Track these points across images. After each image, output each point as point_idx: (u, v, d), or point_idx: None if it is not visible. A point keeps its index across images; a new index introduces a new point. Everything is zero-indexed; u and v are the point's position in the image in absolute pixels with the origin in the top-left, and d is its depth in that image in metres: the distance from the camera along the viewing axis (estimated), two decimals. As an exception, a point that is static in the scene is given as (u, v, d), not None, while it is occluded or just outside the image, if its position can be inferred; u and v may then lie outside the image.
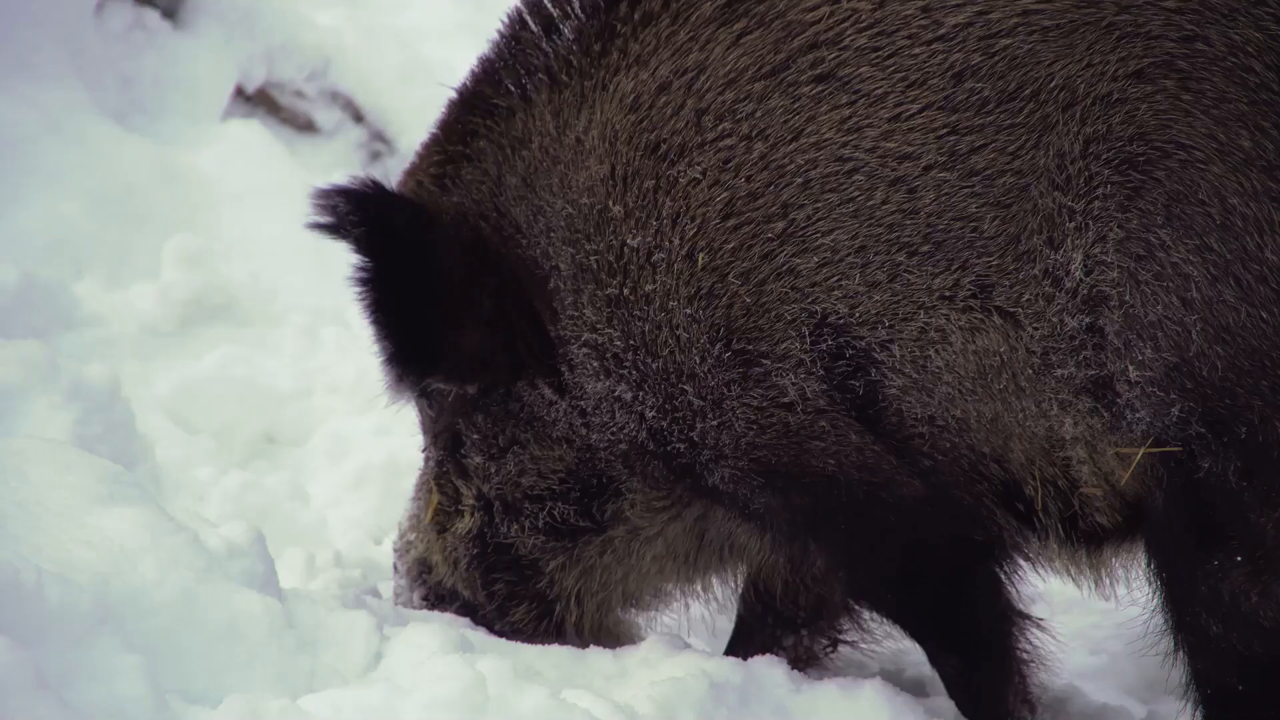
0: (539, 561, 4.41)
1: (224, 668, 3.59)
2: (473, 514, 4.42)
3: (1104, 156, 3.66)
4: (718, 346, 3.96)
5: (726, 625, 4.86)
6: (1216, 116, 3.60)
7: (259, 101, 7.66)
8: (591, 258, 4.04)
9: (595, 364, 4.11)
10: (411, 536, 4.59)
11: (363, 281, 4.21)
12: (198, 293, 6.20)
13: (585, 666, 4.28)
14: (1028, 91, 3.71)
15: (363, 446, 5.63)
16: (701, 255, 3.93)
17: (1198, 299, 3.61)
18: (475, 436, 4.40)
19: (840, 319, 3.86)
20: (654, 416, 4.09)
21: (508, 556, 4.43)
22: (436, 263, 4.20)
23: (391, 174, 4.68)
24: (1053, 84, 3.69)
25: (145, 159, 6.73)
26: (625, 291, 4.01)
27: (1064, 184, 3.69)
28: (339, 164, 7.42)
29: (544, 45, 4.11)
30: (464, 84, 4.30)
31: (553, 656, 4.30)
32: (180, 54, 7.46)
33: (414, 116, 7.67)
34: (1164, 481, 3.74)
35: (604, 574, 4.43)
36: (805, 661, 4.56)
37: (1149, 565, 3.86)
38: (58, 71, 6.81)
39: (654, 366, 4.03)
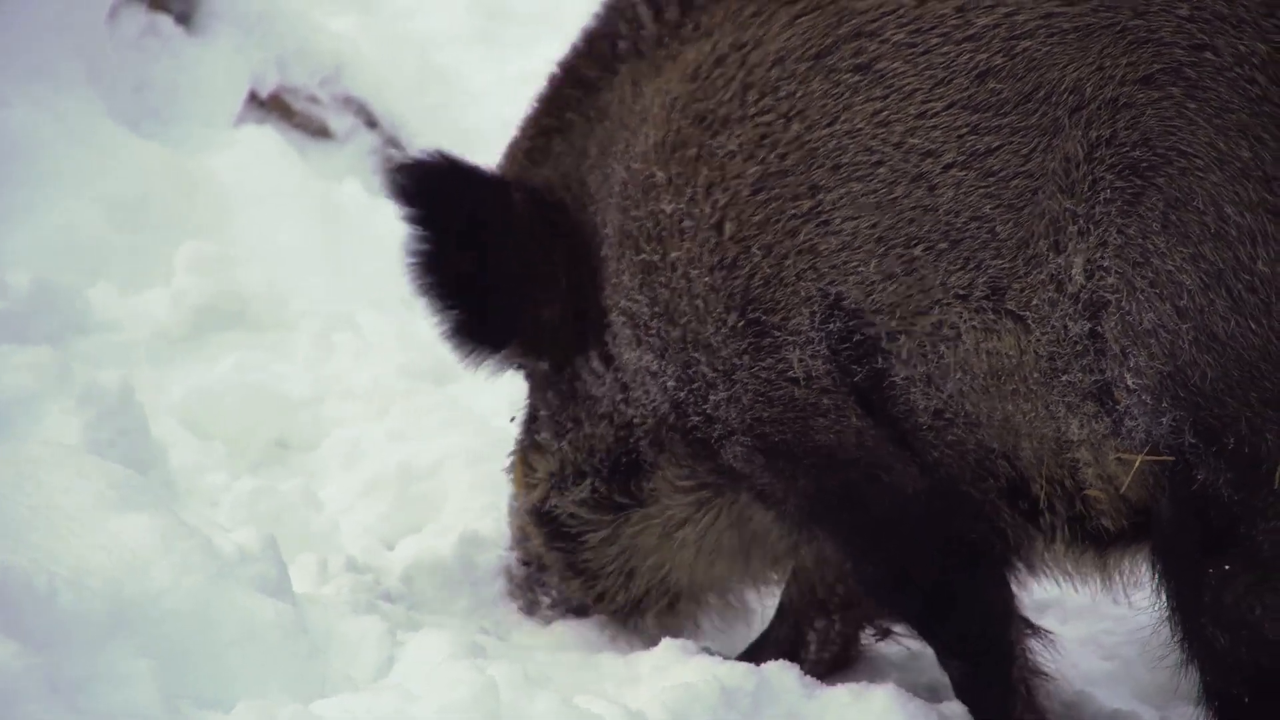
0: (582, 534, 4.56)
1: (236, 673, 3.60)
2: (542, 488, 4.59)
3: (1108, 161, 3.67)
4: (732, 315, 4.04)
5: (739, 631, 4.86)
6: (1219, 126, 3.61)
7: (272, 107, 7.66)
8: (634, 223, 4.15)
9: (629, 332, 4.23)
10: (514, 503, 4.81)
11: (431, 253, 4.35)
12: (211, 298, 6.19)
13: (597, 672, 4.29)
14: (1041, 94, 3.74)
15: (375, 452, 5.63)
16: (729, 225, 4.00)
17: (1190, 307, 3.62)
18: (545, 414, 4.57)
19: (854, 304, 3.91)
20: (674, 386, 4.19)
21: (562, 528, 4.58)
22: (514, 234, 4.36)
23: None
24: (1063, 87, 3.72)
25: (159, 164, 6.73)
26: (656, 258, 4.12)
27: (1069, 188, 3.70)
28: (352, 170, 7.42)
29: (635, 15, 4.26)
30: (564, 57, 4.43)
31: (565, 662, 4.31)
32: (194, 60, 7.45)
33: (427, 122, 7.68)
34: (1167, 490, 3.74)
35: (644, 556, 4.55)
36: (836, 645, 4.59)
37: (1154, 574, 3.87)
38: (71, 77, 6.81)
39: (674, 335, 4.13)
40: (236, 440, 5.74)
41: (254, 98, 7.64)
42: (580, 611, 4.78)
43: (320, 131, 7.69)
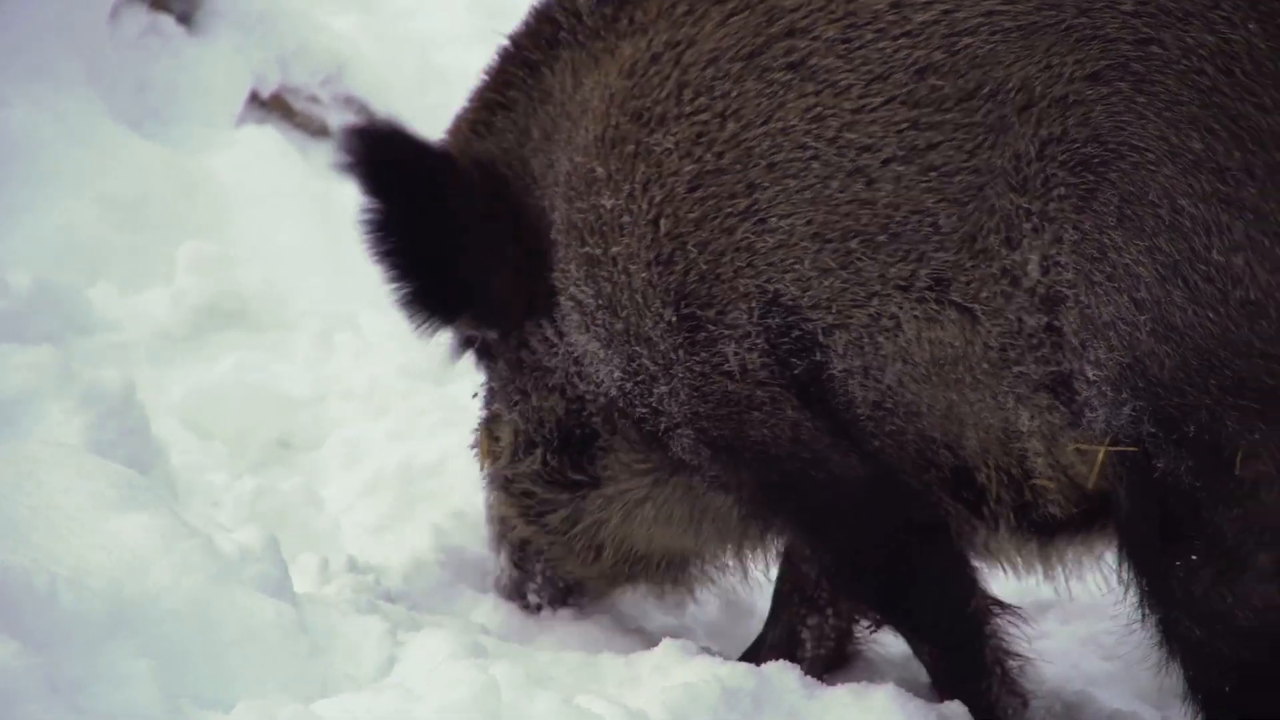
0: (543, 515, 4.58)
1: (237, 673, 3.60)
2: (506, 454, 4.59)
3: (1060, 158, 3.71)
4: (669, 311, 4.07)
5: (741, 631, 4.86)
6: (1169, 119, 3.64)
7: (273, 107, 7.66)
8: (578, 215, 4.17)
9: (577, 317, 4.26)
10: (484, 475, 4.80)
11: (383, 224, 4.34)
12: (212, 298, 6.20)
13: (598, 672, 4.28)
14: (986, 91, 3.77)
15: (376, 452, 5.64)
16: (665, 221, 4.04)
17: (1148, 299, 3.65)
18: (496, 386, 4.58)
19: (792, 300, 3.95)
20: (620, 377, 4.22)
21: (522, 499, 4.59)
22: (462, 206, 4.34)
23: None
24: (1010, 85, 3.75)
25: (159, 164, 6.74)
26: (599, 251, 4.15)
27: (1020, 185, 3.73)
28: (353, 170, 7.41)
29: (574, 3, 4.27)
30: (513, 32, 4.44)
31: (565, 662, 4.31)
32: (195, 59, 7.46)
33: (428, 122, 7.66)
34: (1124, 480, 3.77)
35: (605, 530, 4.54)
36: (832, 641, 4.59)
37: (1122, 573, 3.88)
38: (72, 77, 6.81)
39: (617, 327, 4.17)
40: (237, 440, 5.75)
41: (255, 97, 7.64)
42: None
43: (321, 131, 7.70)
